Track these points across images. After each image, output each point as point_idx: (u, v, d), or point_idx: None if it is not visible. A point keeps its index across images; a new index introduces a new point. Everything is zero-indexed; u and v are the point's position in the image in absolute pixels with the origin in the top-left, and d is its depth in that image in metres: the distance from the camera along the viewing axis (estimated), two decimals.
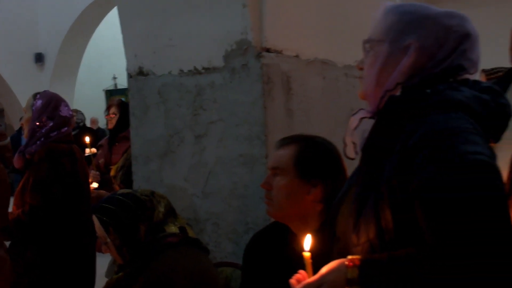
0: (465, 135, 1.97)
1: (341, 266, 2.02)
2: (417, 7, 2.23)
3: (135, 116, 3.96)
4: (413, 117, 2.06)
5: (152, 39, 3.83)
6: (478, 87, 2.18)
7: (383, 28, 2.22)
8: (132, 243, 3.17)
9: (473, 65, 2.20)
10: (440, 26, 2.17)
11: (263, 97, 3.43)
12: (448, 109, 2.05)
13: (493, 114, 2.14)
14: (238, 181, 3.53)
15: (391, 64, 2.18)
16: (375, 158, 2.13)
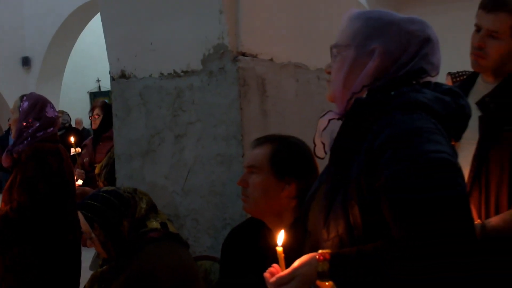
0: (428, 135, 1.99)
1: (312, 260, 2.03)
2: (381, 14, 2.24)
3: (118, 117, 3.95)
4: (378, 118, 2.07)
5: (134, 44, 3.83)
6: (440, 89, 2.20)
7: (349, 33, 2.22)
8: (116, 238, 3.17)
9: (434, 68, 2.21)
10: (403, 31, 2.18)
11: (239, 99, 3.43)
12: (412, 110, 2.06)
13: (454, 114, 2.15)
14: (216, 179, 3.53)
15: (357, 68, 2.18)
16: (343, 158, 2.14)
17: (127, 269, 3.10)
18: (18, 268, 4.44)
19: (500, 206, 3.08)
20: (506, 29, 3.11)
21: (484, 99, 3.16)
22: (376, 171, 1.99)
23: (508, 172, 3.07)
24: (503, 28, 3.11)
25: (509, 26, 3.11)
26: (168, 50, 3.68)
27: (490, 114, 3.08)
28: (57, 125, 4.79)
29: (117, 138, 3.99)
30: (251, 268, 2.91)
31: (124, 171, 3.94)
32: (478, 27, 3.19)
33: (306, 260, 2.05)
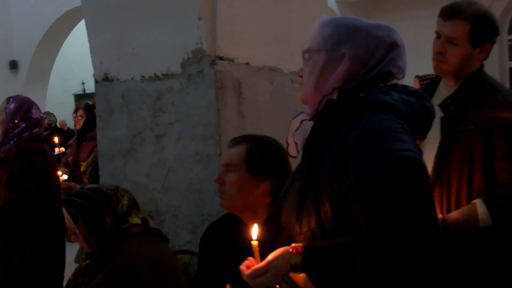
0: (394, 134, 2.00)
1: (286, 253, 2.03)
2: (350, 20, 2.25)
3: (101, 118, 3.94)
4: (348, 119, 2.08)
5: (117, 48, 3.81)
6: (406, 91, 2.21)
7: (320, 39, 2.23)
8: (99, 233, 3.17)
9: (400, 71, 2.22)
10: (371, 37, 2.19)
11: (216, 100, 3.43)
12: (379, 111, 2.07)
13: (419, 115, 2.17)
14: (194, 177, 3.52)
15: (328, 71, 2.19)
16: (314, 156, 2.15)
17: (109, 263, 3.10)
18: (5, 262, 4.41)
19: (460, 201, 3.13)
20: (463, 36, 3.16)
21: (445, 101, 3.19)
22: (346, 169, 2.00)
23: (467, 169, 3.11)
24: (460, 34, 3.16)
25: (466, 33, 3.15)
26: (149, 55, 3.67)
27: (450, 115, 3.11)
28: (42, 125, 4.78)
29: (100, 138, 3.98)
30: (228, 261, 2.90)
31: (107, 170, 3.92)
32: (439, 34, 3.23)
33: (280, 253, 2.05)
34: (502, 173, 3.09)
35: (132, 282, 3.03)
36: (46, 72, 16.54)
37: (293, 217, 2.17)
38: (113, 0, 3.76)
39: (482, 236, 3.11)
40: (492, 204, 3.06)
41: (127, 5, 3.70)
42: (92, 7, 3.90)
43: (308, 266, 2.00)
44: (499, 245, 3.14)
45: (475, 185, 3.11)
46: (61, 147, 6.17)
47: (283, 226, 2.27)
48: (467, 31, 3.15)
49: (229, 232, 3.05)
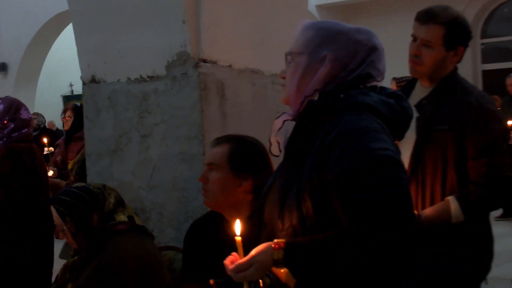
0: (373, 134, 2.01)
1: (268, 249, 2.03)
2: (332, 24, 2.25)
3: (88, 118, 3.92)
4: (329, 118, 2.09)
5: (103, 51, 3.79)
6: (385, 92, 2.22)
7: (302, 42, 2.23)
8: (86, 230, 3.16)
9: (380, 73, 2.23)
10: (352, 40, 2.19)
11: (200, 102, 3.42)
12: (359, 111, 2.07)
13: (397, 115, 2.18)
14: (179, 175, 3.51)
15: (310, 73, 2.19)
16: (296, 155, 2.15)
17: (96, 259, 3.09)
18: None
19: (434, 198, 3.16)
20: (438, 39, 3.18)
21: (421, 102, 3.21)
22: (327, 167, 2.01)
23: (441, 168, 3.13)
24: (435, 38, 3.18)
25: (441, 37, 3.18)
26: (135, 57, 3.65)
27: (425, 116, 3.13)
28: (31, 126, 4.75)
29: (87, 138, 3.96)
30: (211, 257, 2.90)
31: (94, 169, 3.91)
32: (414, 37, 3.25)
33: (263, 249, 2.05)
34: (473, 171, 3.11)
35: (118, 278, 3.03)
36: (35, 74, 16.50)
37: (275, 213, 2.17)
38: (100, 5, 3.74)
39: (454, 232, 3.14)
40: (464, 201, 3.08)
41: (113, 9, 3.69)
42: (79, 11, 3.88)
43: (290, 261, 2.01)
44: (470, 242, 3.18)
45: (448, 183, 3.14)
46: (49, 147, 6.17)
47: (266, 222, 2.27)
48: (441, 35, 3.18)
49: (212, 229, 3.04)
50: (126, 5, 3.63)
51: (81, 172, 5.04)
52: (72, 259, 3.25)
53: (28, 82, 16.26)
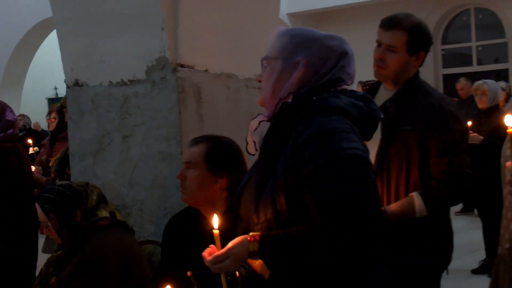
0: (344, 134, 2.02)
1: (244, 241, 2.05)
2: (305, 31, 2.25)
3: (72, 120, 3.89)
4: (302, 120, 2.09)
5: (86, 56, 3.77)
6: (354, 95, 2.23)
7: (277, 47, 2.23)
8: (70, 226, 3.15)
9: (350, 77, 2.24)
10: (324, 46, 2.20)
11: (178, 104, 3.41)
12: (330, 113, 2.09)
13: (366, 117, 2.19)
14: (158, 173, 3.50)
15: (284, 77, 2.19)
16: (271, 154, 2.15)
17: (79, 253, 3.08)
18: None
19: (398, 194, 3.17)
20: (402, 44, 3.19)
21: (385, 103, 3.23)
22: (300, 165, 2.02)
23: (405, 166, 3.15)
24: (399, 43, 3.19)
25: (404, 42, 3.19)
26: (116, 62, 3.63)
27: (390, 117, 3.14)
28: (16, 127, 4.69)
29: (71, 138, 3.92)
30: (189, 250, 2.90)
31: (77, 168, 3.88)
32: (379, 43, 3.25)
33: (239, 241, 2.07)
34: (435, 169, 3.13)
35: (100, 270, 3.02)
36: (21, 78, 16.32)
37: (251, 208, 2.17)
38: (82, 12, 3.71)
39: (416, 227, 3.16)
40: (427, 196, 3.10)
41: (96, 16, 3.66)
42: (63, 18, 3.84)
43: (264, 253, 2.02)
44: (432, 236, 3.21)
45: (412, 180, 3.16)
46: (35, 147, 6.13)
47: (242, 216, 2.27)
48: (405, 41, 3.19)
49: (189, 224, 3.04)
50: (108, 12, 3.61)
51: (60, 169, 5.04)
52: (56, 253, 3.24)
53: (14, 85, 16.07)
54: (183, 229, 3.09)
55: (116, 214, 3.27)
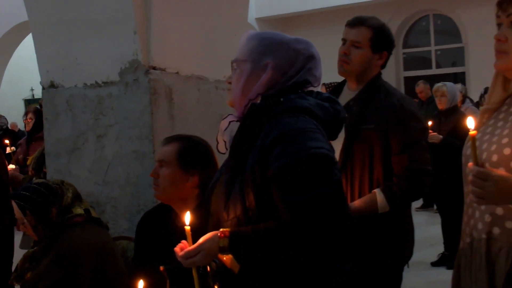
0: (310, 134, 2.03)
1: (215, 237, 2.04)
2: (273, 34, 2.25)
3: (48, 120, 3.85)
4: (270, 120, 2.09)
5: (61, 59, 3.73)
6: (320, 96, 2.23)
7: (246, 50, 2.22)
8: (45, 223, 3.12)
9: (316, 80, 2.24)
10: (291, 49, 2.20)
11: (150, 105, 3.40)
12: (297, 114, 2.08)
13: (331, 117, 2.19)
14: (132, 171, 3.48)
15: (253, 79, 2.19)
16: (240, 152, 2.15)
17: (55, 249, 3.06)
18: None
19: (362, 191, 3.17)
20: (366, 40, 3.22)
21: (348, 103, 3.23)
22: (268, 163, 2.02)
23: (368, 163, 3.15)
24: (364, 39, 3.22)
25: (368, 38, 3.22)
26: (91, 64, 3.61)
27: (353, 116, 3.15)
28: None
29: (47, 138, 3.89)
30: (161, 246, 2.89)
31: (53, 166, 3.84)
32: (344, 40, 3.27)
33: (210, 237, 2.06)
34: (397, 165, 3.15)
35: (75, 265, 3.00)
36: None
37: (221, 205, 2.17)
38: (57, 16, 3.68)
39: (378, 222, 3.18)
40: (388, 192, 3.11)
41: (70, 20, 3.63)
42: (38, 22, 3.80)
43: (234, 248, 2.02)
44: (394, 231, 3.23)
45: (375, 176, 3.16)
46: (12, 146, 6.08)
47: (212, 213, 2.26)
48: (369, 37, 3.21)
49: (162, 220, 3.03)
50: (82, 16, 3.58)
51: (37, 168, 5.05)
52: (32, 249, 3.21)
53: None
54: (155, 225, 3.07)
55: (90, 211, 3.24)
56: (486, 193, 1.89)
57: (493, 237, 2.09)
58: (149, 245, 3.06)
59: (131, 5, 3.38)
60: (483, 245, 2.11)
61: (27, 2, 3.83)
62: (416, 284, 5.83)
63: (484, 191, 1.89)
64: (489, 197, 1.91)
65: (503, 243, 2.06)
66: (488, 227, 2.10)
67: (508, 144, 2.04)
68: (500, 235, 2.07)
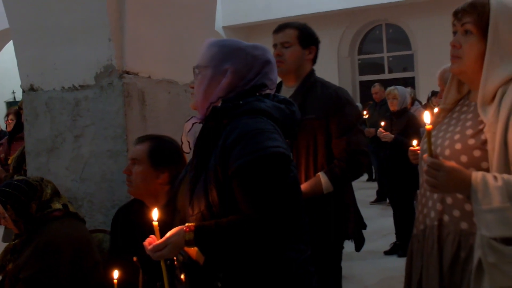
0: (268, 134, 2.03)
1: (181, 231, 2.03)
2: (232, 42, 2.24)
3: (28, 121, 3.80)
4: (230, 121, 2.09)
5: (40, 64, 3.69)
6: (277, 99, 2.23)
7: (207, 57, 2.21)
8: (26, 217, 3.08)
9: (272, 83, 2.24)
10: (249, 55, 2.19)
11: (124, 107, 3.38)
12: (255, 115, 2.08)
13: (287, 118, 2.20)
14: (107, 169, 3.45)
15: (214, 83, 2.18)
16: (203, 152, 2.14)
17: (35, 241, 3.02)
18: None
19: (308, 175, 3.25)
20: (294, 39, 3.33)
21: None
22: (229, 162, 2.01)
23: (312, 149, 3.25)
24: (291, 38, 3.34)
25: (295, 37, 3.33)
26: (68, 69, 3.57)
27: None
28: None
29: (27, 138, 3.84)
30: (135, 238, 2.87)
31: (33, 164, 3.80)
32: (275, 45, 3.37)
33: (176, 231, 2.05)
34: (337, 149, 3.26)
35: (55, 256, 2.97)
36: None
37: (186, 201, 2.16)
38: (36, 23, 3.63)
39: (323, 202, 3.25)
40: (331, 174, 3.22)
41: (49, 28, 3.58)
42: (19, 29, 3.75)
43: (199, 241, 2.01)
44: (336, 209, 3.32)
45: (319, 161, 3.26)
46: None
47: (179, 209, 2.26)
48: (296, 35, 3.34)
49: (135, 214, 3.01)
50: (60, 24, 3.54)
51: (18, 166, 5.03)
52: (13, 242, 3.17)
53: None
54: (129, 218, 3.05)
55: (68, 206, 3.22)
56: (439, 182, 1.93)
57: (443, 224, 2.15)
58: (123, 237, 3.04)
59: (105, 14, 3.35)
60: (435, 231, 2.18)
61: (8, 10, 3.77)
62: (370, 271, 5.89)
63: (437, 180, 1.93)
64: (441, 186, 1.95)
65: (450, 230, 2.12)
66: (439, 215, 2.16)
67: (459, 140, 2.10)
68: (448, 222, 2.13)
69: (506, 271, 1.87)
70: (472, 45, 2.10)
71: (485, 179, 1.90)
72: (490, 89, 2.04)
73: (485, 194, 1.88)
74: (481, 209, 1.89)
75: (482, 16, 2.07)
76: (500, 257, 1.87)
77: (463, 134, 2.11)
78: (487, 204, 1.87)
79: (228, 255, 2.05)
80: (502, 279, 1.88)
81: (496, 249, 1.87)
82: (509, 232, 1.85)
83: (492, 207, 1.86)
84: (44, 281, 2.95)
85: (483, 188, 1.88)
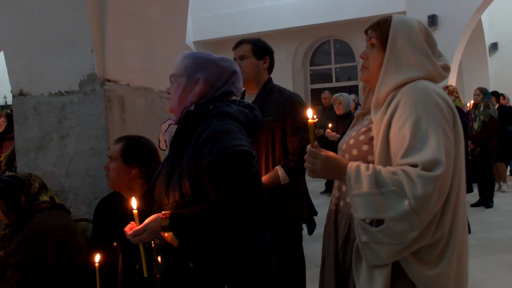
0: (234, 134, 2.07)
1: (158, 218, 2.06)
2: (204, 54, 2.27)
3: (18, 123, 3.73)
4: (201, 123, 2.12)
5: (29, 71, 3.62)
6: (242, 104, 2.28)
7: (182, 67, 2.23)
8: (15, 209, 3.05)
9: (238, 90, 2.28)
10: (219, 66, 2.23)
11: (105, 110, 3.35)
12: (223, 118, 2.12)
13: (251, 121, 2.23)
14: (90, 165, 3.42)
15: (188, 90, 2.20)
16: (178, 149, 2.16)
17: (24, 230, 2.99)
18: None
19: (267, 169, 3.32)
20: (248, 51, 3.41)
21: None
22: (200, 158, 2.04)
23: (271, 146, 3.31)
24: (246, 51, 3.41)
25: (249, 50, 3.41)
26: (55, 76, 3.52)
27: None
28: None
29: (17, 138, 3.77)
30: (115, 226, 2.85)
31: (23, 161, 3.73)
32: (235, 59, 3.40)
33: (153, 218, 2.07)
34: (291, 145, 3.34)
35: (42, 243, 2.94)
36: None
37: (162, 192, 2.18)
38: (26, 35, 3.57)
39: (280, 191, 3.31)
40: (287, 167, 3.30)
41: (37, 39, 3.53)
42: (9, 40, 3.68)
43: (174, 227, 2.03)
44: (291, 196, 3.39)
45: (277, 156, 3.33)
46: None
47: (156, 199, 2.27)
48: (250, 48, 3.41)
49: (115, 205, 3.00)
50: (47, 36, 3.49)
51: (9, 163, 4.96)
52: (3, 231, 3.12)
53: None
54: (110, 209, 3.04)
55: (55, 198, 3.19)
56: (315, 168, 2.00)
57: (339, 208, 2.21)
58: (104, 226, 3.04)
59: (89, 28, 3.33)
60: (333, 214, 2.24)
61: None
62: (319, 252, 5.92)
63: (314, 166, 2.00)
64: (318, 171, 2.01)
65: (344, 214, 2.18)
66: (337, 200, 2.23)
67: (354, 137, 2.19)
68: (343, 207, 2.19)
69: (376, 250, 1.89)
70: (375, 56, 2.13)
71: (358, 168, 1.94)
72: (383, 93, 2.06)
73: (357, 180, 1.91)
74: (352, 193, 1.93)
75: (383, 31, 2.10)
76: (371, 237, 1.90)
77: (358, 132, 2.18)
78: (358, 189, 1.91)
79: (199, 239, 2.07)
80: (373, 258, 1.91)
81: (366, 230, 1.91)
82: (373, 215, 1.88)
83: (360, 192, 1.90)
84: (32, 265, 2.91)
85: (356, 175, 1.92)
